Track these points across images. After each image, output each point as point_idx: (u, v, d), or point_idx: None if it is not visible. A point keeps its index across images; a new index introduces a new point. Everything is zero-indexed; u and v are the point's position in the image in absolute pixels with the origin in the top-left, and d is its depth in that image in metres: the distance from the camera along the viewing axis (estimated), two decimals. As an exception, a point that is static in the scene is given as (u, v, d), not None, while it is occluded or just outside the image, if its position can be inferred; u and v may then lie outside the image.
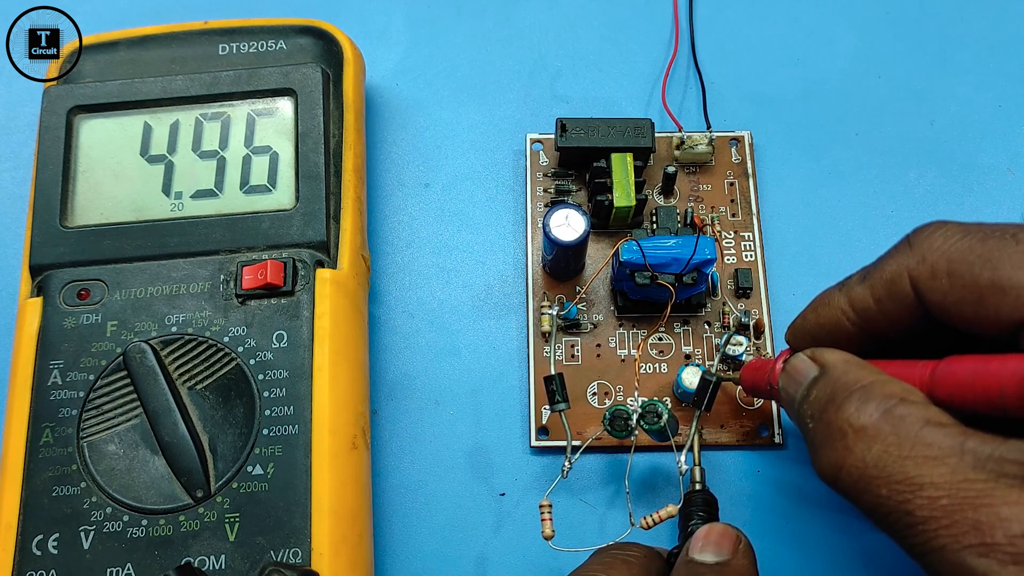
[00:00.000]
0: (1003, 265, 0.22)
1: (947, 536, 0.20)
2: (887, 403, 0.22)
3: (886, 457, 0.22)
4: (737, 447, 0.33)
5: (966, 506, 0.20)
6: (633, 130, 0.36)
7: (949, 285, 0.23)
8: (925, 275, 0.24)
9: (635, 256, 0.32)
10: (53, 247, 0.33)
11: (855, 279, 0.27)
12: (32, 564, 0.28)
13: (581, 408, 0.34)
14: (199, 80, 0.35)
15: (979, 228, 0.24)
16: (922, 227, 0.25)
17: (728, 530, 0.26)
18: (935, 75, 0.40)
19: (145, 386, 0.30)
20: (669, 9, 0.41)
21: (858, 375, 0.24)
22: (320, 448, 0.30)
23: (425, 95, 0.41)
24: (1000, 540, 0.20)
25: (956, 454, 0.21)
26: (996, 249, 0.23)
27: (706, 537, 0.26)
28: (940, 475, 0.21)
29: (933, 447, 0.21)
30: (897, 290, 0.25)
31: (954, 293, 0.23)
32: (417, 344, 0.36)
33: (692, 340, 0.35)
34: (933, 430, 0.21)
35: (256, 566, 0.28)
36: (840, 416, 0.23)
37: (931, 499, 0.21)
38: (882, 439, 0.22)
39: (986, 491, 0.20)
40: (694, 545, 0.26)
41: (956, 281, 0.23)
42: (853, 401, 0.23)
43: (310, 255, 0.32)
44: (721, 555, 0.25)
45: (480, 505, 0.33)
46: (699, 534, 0.26)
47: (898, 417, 0.22)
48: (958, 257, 0.23)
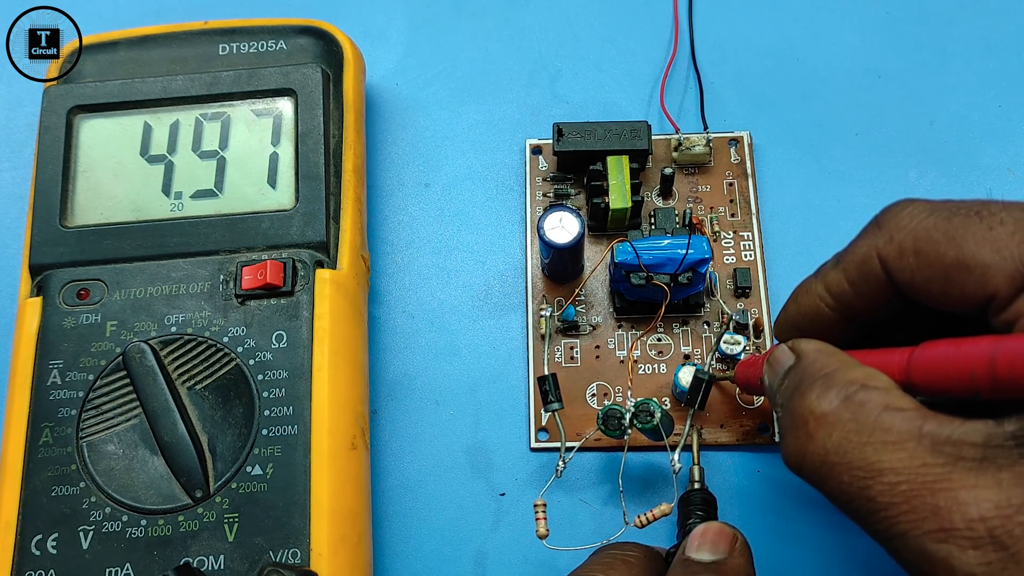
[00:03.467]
0: (967, 242, 0.22)
1: (907, 522, 0.20)
2: (848, 389, 0.22)
3: (846, 444, 0.22)
4: (737, 447, 0.33)
5: (924, 491, 0.20)
6: (629, 133, 0.36)
7: (916, 263, 0.23)
8: (893, 254, 0.24)
9: (629, 257, 0.32)
10: (53, 247, 0.33)
11: (829, 264, 0.27)
12: (31, 564, 0.28)
13: (580, 409, 0.34)
14: (199, 80, 0.35)
15: (945, 205, 0.24)
16: (890, 206, 0.25)
17: (725, 529, 0.26)
18: (935, 75, 0.40)
19: (144, 386, 0.30)
20: (669, 9, 0.41)
21: (824, 362, 0.24)
22: (319, 448, 0.30)
23: (425, 95, 0.41)
24: (958, 524, 0.19)
25: (914, 438, 0.21)
26: (961, 227, 0.22)
27: (703, 536, 0.26)
28: (899, 460, 0.21)
29: (891, 432, 0.21)
30: (868, 271, 0.25)
31: (921, 272, 0.23)
32: (417, 344, 0.36)
33: (691, 340, 0.35)
34: (891, 415, 0.21)
35: (255, 566, 0.28)
36: (803, 404, 0.23)
37: (891, 485, 0.21)
38: (842, 425, 0.22)
39: (943, 475, 0.20)
40: (691, 544, 0.26)
41: (922, 260, 0.23)
42: (815, 388, 0.23)
43: (310, 255, 0.32)
44: (717, 554, 0.25)
45: (480, 505, 0.33)
46: (696, 532, 0.26)
47: (858, 403, 0.22)
48: (924, 235, 0.23)
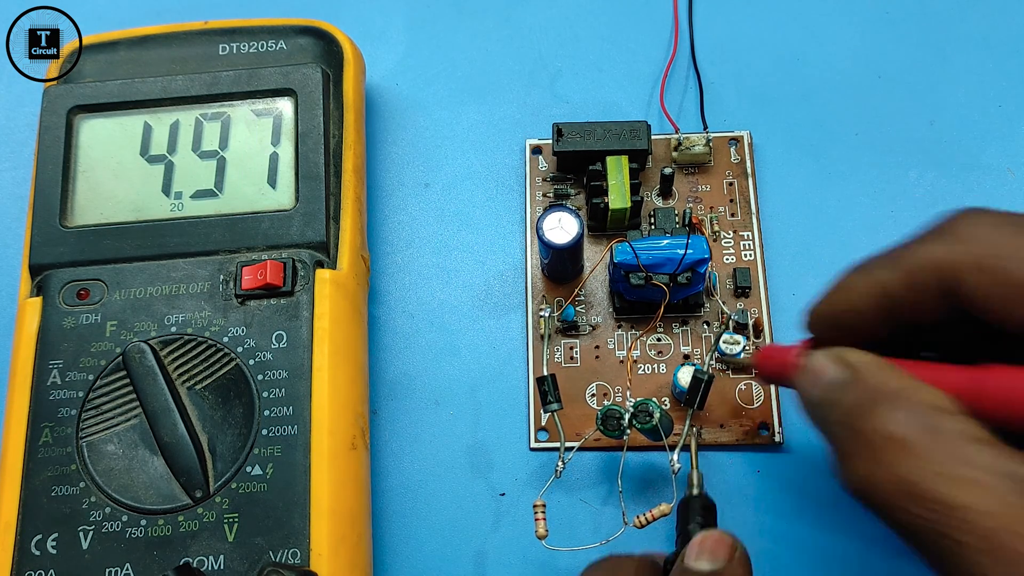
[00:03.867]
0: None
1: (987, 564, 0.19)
2: (922, 412, 0.21)
3: (919, 472, 0.20)
4: (737, 447, 0.33)
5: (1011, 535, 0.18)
6: (629, 132, 0.36)
7: (992, 280, 0.22)
8: (967, 267, 0.22)
9: (628, 257, 0.32)
10: (53, 247, 0.33)
11: (881, 262, 0.25)
12: (31, 564, 0.28)
13: (580, 409, 0.34)
14: (199, 80, 0.35)
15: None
16: (963, 214, 0.23)
17: (724, 537, 0.25)
18: (935, 75, 0.40)
19: (144, 386, 0.30)
20: (669, 9, 0.41)
21: (889, 380, 0.22)
22: (319, 448, 0.30)
23: (425, 95, 0.41)
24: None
25: (999, 475, 0.19)
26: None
27: (701, 545, 0.25)
28: (981, 498, 0.19)
29: (973, 466, 0.19)
30: (931, 278, 0.23)
31: (996, 289, 0.22)
32: (417, 344, 0.36)
33: (690, 340, 0.35)
34: (972, 447, 0.20)
35: (255, 567, 0.28)
36: (870, 425, 0.21)
37: (969, 523, 0.19)
38: (917, 452, 0.20)
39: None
40: (690, 553, 0.25)
41: (1000, 277, 0.21)
42: (884, 409, 0.21)
43: (310, 255, 0.32)
44: (716, 563, 0.24)
45: (480, 505, 0.33)
46: (695, 542, 0.25)
47: (933, 429, 0.20)
48: (1006, 252, 0.21)
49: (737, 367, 0.34)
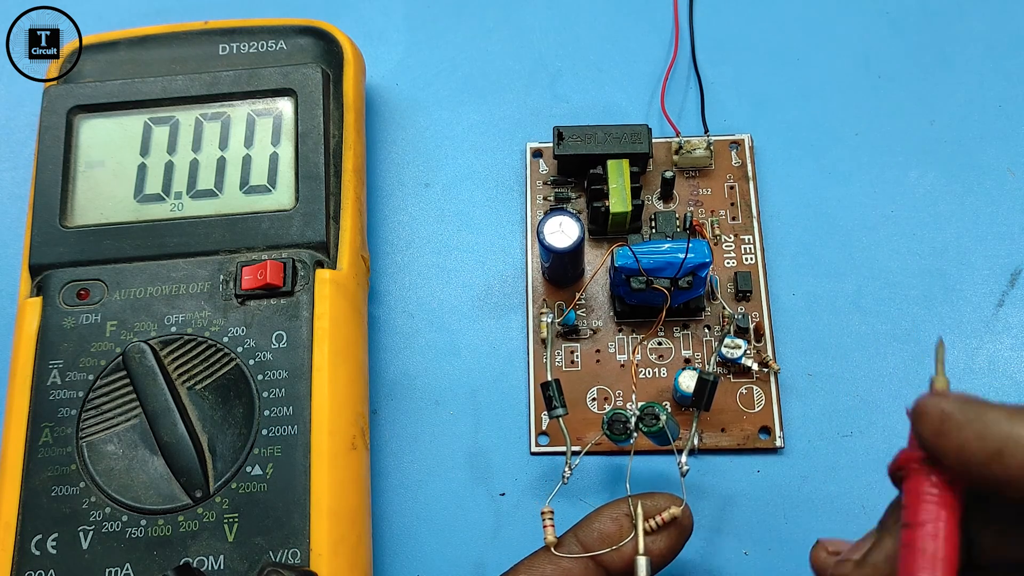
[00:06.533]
0: None
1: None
2: None
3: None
4: (737, 451, 0.33)
5: None
6: (630, 136, 0.36)
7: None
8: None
9: (629, 261, 0.32)
10: (53, 247, 0.33)
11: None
12: (31, 564, 0.28)
13: (581, 413, 0.34)
14: (199, 80, 0.35)
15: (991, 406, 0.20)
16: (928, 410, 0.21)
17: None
18: (935, 75, 0.40)
19: (144, 386, 0.30)
20: (669, 9, 0.41)
21: None
22: (319, 448, 0.30)
23: (425, 95, 0.41)
24: None
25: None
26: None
27: None
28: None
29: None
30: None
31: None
32: (417, 344, 0.36)
33: (691, 344, 0.35)
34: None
35: (255, 567, 0.28)
36: None
37: None
38: None
39: None
40: None
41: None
42: None
43: (310, 255, 0.32)
44: None
45: (479, 506, 0.33)
46: None
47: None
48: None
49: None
